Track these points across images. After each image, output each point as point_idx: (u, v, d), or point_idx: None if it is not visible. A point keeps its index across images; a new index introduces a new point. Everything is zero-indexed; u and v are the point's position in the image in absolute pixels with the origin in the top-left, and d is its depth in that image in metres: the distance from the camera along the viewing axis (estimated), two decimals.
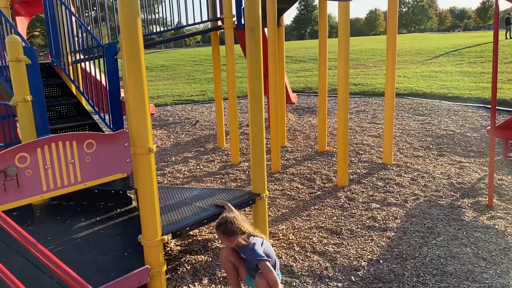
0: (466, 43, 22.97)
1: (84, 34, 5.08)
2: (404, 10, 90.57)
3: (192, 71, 22.36)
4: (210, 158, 6.70)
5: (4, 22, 4.51)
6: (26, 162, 2.23)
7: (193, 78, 19.31)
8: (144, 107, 2.59)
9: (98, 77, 4.92)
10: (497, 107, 6.31)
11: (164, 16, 7.21)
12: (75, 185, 2.44)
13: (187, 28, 7.71)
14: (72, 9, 5.89)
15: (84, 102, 5.83)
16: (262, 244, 2.71)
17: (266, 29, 6.00)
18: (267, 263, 2.60)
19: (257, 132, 3.50)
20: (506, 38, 25.23)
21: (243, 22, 6.27)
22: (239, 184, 5.43)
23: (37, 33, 30.52)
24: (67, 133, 2.37)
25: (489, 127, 6.17)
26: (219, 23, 6.78)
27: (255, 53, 3.37)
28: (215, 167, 6.22)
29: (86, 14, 6.32)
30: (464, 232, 3.81)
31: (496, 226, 3.89)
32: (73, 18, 5.20)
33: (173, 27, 7.22)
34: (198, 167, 6.26)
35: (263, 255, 2.63)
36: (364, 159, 6.12)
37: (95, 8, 6.72)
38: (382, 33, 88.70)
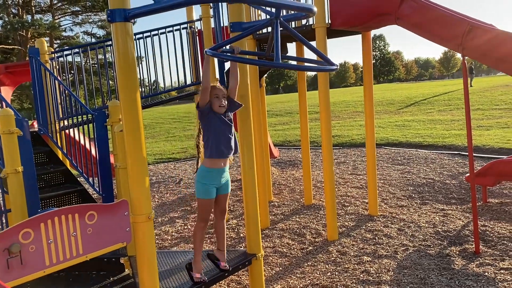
0: (433, 92, 24.13)
1: (73, 102, 5.19)
2: (372, 62, 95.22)
3: (171, 128, 22.53)
4: None
5: None
6: (30, 238, 2.24)
7: (173, 136, 19.45)
8: (144, 176, 2.67)
9: (87, 143, 4.98)
10: None
11: (143, 78, 7.39)
12: (77, 257, 2.44)
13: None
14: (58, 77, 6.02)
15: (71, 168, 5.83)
16: None
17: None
18: None
19: (250, 190, 3.58)
20: (470, 86, 26.64)
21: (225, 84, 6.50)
22: (229, 243, 5.41)
23: (12, 97, 30.57)
24: (69, 206, 2.40)
25: (467, 174, 6.43)
26: None
27: (246, 117, 3.54)
28: None
29: (65, 77, 6.42)
30: (457, 282, 3.88)
31: (486, 274, 3.98)
32: (61, 87, 5.33)
33: (154, 88, 7.42)
34: (185, 227, 6.23)
35: None
36: (351, 211, 6.23)
37: (72, 72, 6.86)
38: (352, 85, 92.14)
